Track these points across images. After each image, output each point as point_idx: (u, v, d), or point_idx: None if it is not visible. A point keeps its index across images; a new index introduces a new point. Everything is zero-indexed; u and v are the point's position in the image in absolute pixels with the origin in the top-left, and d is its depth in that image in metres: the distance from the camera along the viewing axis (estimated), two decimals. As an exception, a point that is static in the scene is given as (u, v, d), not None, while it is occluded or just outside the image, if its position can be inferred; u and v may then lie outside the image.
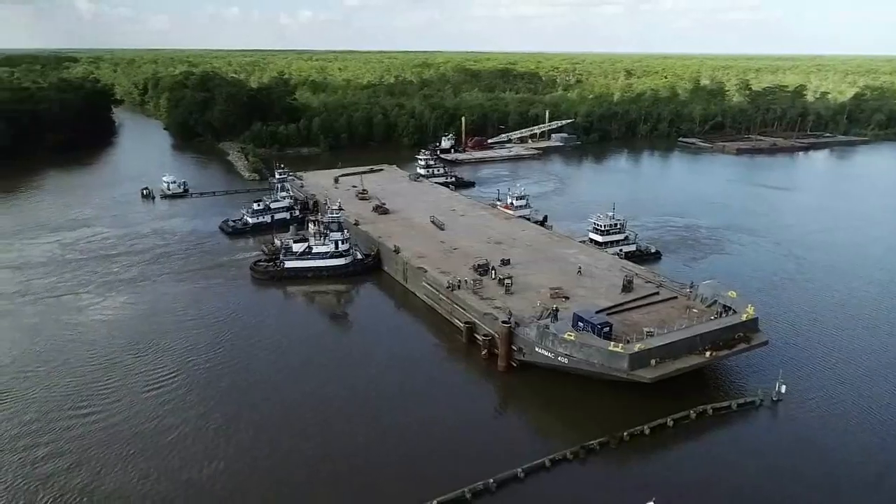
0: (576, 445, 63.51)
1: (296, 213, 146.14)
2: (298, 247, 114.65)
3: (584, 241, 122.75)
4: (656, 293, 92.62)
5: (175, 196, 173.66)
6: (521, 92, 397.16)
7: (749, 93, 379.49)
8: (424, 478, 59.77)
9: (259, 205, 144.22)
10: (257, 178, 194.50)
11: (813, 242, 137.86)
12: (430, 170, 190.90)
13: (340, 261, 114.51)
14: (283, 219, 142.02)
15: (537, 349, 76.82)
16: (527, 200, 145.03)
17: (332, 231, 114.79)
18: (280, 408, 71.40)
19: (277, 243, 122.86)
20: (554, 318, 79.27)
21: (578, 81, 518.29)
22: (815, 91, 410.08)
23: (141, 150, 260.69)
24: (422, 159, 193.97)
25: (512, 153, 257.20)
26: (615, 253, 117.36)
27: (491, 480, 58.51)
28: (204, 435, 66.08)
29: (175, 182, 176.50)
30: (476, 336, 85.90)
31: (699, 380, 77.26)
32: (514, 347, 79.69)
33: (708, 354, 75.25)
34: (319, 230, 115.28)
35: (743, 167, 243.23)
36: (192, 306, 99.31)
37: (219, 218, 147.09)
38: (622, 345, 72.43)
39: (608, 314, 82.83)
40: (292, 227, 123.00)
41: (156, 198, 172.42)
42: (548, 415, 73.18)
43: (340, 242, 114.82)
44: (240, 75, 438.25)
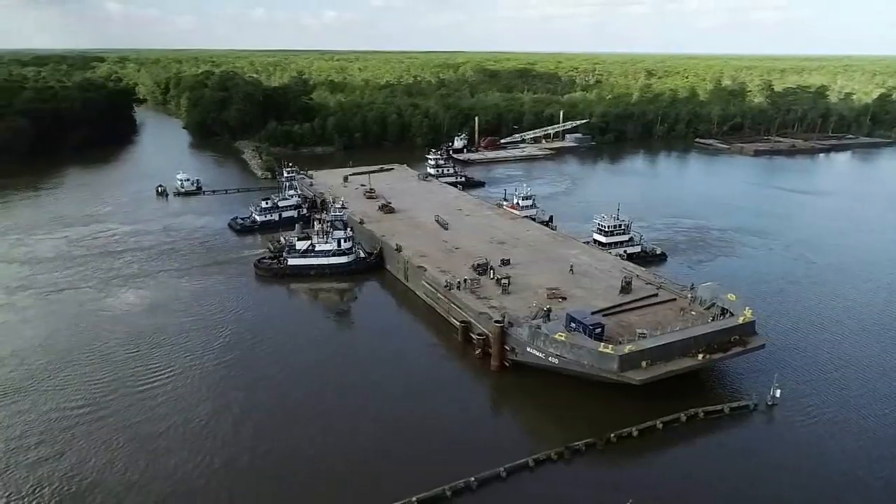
0: (562, 446, 63.30)
1: (303, 212, 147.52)
2: (302, 244, 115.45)
3: (588, 242, 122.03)
4: (655, 295, 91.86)
5: (188, 193, 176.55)
6: (540, 92, 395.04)
7: (770, 93, 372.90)
8: (405, 475, 59.85)
9: (268, 203, 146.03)
10: (269, 177, 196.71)
11: (825, 246, 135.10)
12: (440, 169, 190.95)
13: (343, 259, 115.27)
14: (291, 217, 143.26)
15: (529, 349, 76.61)
16: (533, 200, 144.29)
17: (336, 229, 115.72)
18: (276, 402, 72.10)
19: (283, 241, 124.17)
20: (546, 319, 79.03)
21: (598, 82, 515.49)
22: (840, 92, 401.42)
23: (160, 149, 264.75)
24: (431, 159, 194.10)
25: (525, 153, 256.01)
26: (618, 254, 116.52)
27: (472, 479, 58.53)
28: (203, 433, 66.75)
29: (188, 180, 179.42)
30: (471, 335, 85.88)
31: (694, 383, 76.36)
32: (507, 347, 79.54)
33: (701, 357, 74.37)
34: (323, 228, 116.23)
35: (760, 169, 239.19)
36: (193, 303, 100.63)
37: (229, 215, 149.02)
38: (612, 346, 72.00)
39: (604, 315, 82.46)
40: (298, 225, 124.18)
41: (169, 195, 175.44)
42: (537, 415, 72.99)
43: (343, 240, 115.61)
44: (261, 75, 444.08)
